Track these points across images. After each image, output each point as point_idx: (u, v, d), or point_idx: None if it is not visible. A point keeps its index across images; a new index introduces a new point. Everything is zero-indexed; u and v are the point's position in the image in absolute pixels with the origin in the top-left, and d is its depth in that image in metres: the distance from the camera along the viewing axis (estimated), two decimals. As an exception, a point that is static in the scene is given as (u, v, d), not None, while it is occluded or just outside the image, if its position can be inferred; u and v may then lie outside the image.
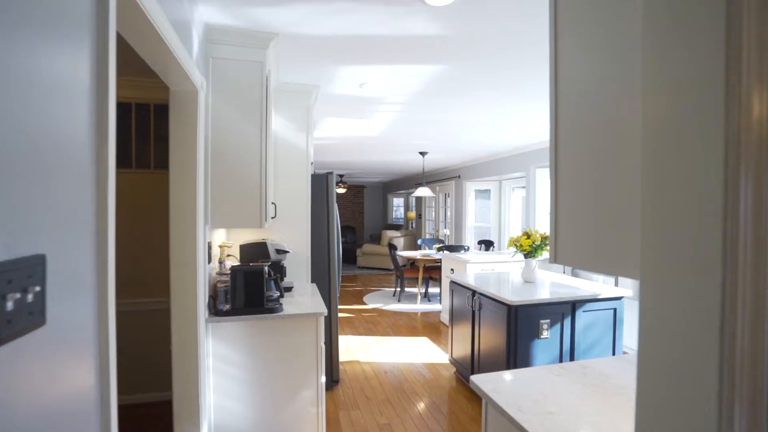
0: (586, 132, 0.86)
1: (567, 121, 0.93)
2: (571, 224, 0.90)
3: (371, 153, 6.60)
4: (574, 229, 0.89)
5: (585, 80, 0.88)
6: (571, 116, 0.91)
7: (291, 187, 2.89)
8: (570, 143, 0.91)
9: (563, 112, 0.94)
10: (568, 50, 0.93)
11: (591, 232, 0.83)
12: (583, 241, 0.86)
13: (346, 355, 3.95)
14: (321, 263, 3.10)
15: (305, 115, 2.93)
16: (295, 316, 2.09)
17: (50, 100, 0.66)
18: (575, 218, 0.89)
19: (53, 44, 0.67)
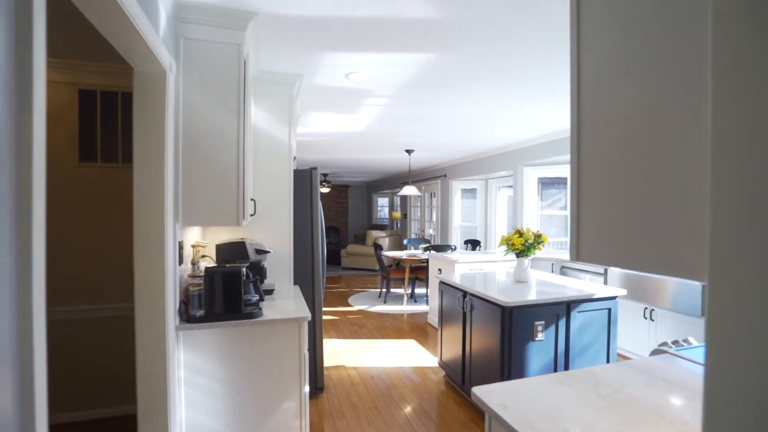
0: (626, 111, 0.73)
1: (595, 99, 0.80)
2: (601, 218, 0.78)
3: (356, 151, 6.44)
4: (605, 224, 0.76)
5: (616, 56, 0.75)
6: (601, 94, 0.79)
7: (272, 184, 2.72)
8: (600, 126, 0.79)
9: (589, 91, 0.82)
10: (591, 38, 0.81)
11: (630, 226, 0.71)
12: (618, 237, 0.74)
13: (331, 360, 3.78)
14: (304, 264, 2.93)
15: (287, 106, 2.76)
16: (277, 322, 1.92)
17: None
18: (608, 211, 0.76)
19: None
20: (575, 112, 0.84)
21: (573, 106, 0.85)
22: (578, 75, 0.84)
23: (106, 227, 2.51)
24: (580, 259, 0.82)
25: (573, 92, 0.85)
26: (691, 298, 3.32)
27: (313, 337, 2.92)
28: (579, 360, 2.61)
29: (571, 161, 0.85)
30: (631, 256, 0.70)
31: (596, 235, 0.78)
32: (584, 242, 0.81)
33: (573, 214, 0.84)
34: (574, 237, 0.84)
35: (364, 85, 3.00)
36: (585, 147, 0.82)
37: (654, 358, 1.47)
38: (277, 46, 2.32)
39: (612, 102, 0.75)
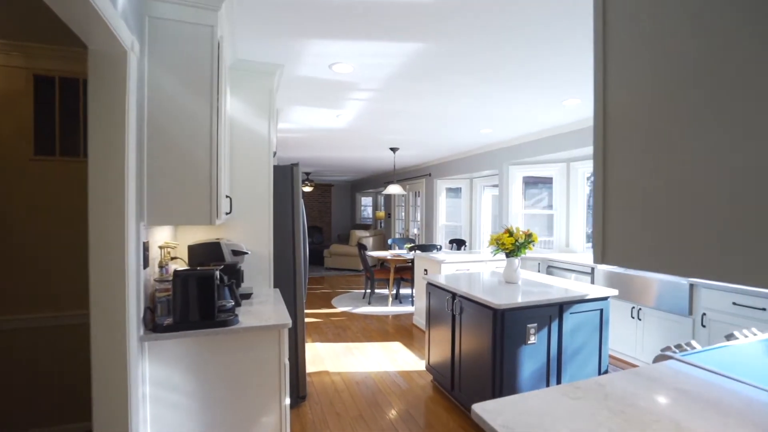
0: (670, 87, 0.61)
1: (625, 86, 0.68)
2: (636, 218, 0.66)
3: (340, 148, 6.28)
4: (642, 224, 0.65)
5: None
6: (630, 82, 0.67)
7: (250, 180, 2.54)
8: (632, 114, 0.67)
9: (617, 79, 0.70)
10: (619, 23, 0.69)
11: (678, 226, 0.59)
12: (661, 238, 0.62)
13: (314, 365, 3.62)
14: (285, 265, 2.76)
15: (267, 98, 2.59)
16: (254, 329, 1.76)
17: None
18: (646, 210, 0.64)
19: None
20: (600, 100, 0.73)
21: (597, 94, 0.73)
22: (604, 60, 0.72)
23: (65, 229, 2.29)
24: (606, 262, 0.71)
25: (597, 81, 0.73)
26: (677, 298, 3.30)
27: (294, 343, 2.76)
28: (571, 363, 2.54)
29: (595, 156, 0.73)
30: (676, 260, 0.59)
31: (630, 236, 0.67)
32: (613, 244, 0.70)
33: (597, 214, 0.72)
34: (599, 238, 0.72)
35: (348, 77, 2.86)
36: (613, 139, 0.70)
37: (660, 365, 1.38)
38: (255, 32, 2.15)
39: (648, 85, 0.64)
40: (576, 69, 2.67)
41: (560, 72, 2.73)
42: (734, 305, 2.95)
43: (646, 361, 3.53)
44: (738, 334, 1.75)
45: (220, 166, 1.82)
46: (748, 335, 1.76)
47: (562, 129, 4.49)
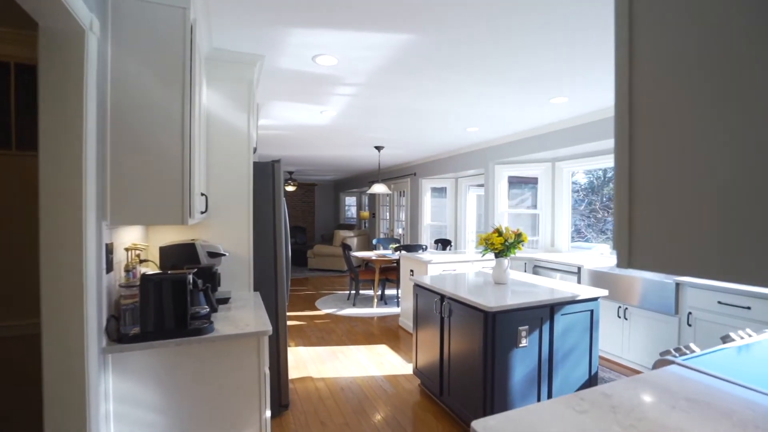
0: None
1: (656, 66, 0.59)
2: (668, 217, 0.57)
3: (324, 147, 6.13)
4: (676, 223, 0.56)
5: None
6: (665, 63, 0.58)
7: (228, 177, 2.40)
8: (667, 97, 0.58)
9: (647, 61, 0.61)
10: None
11: (725, 227, 0.50)
12: (699, 241, 0.53)
13: (297, 371, 3.48)
14: (266, 267, 2.62)
15: (246, 91, 2.45)
16: (231, 338, 1.62)
17: None
18: (684, 209, 0.55)
19: None
20: (624, 78, 0.63)
21: (620, 71, 0.64)
22: (629, 26, 0.63)
23: (26, 230, 2.10)
24: (633, 267, 0.62)
25: (620, 55, 0.64)
26: (664, 297, 3.30)
27: (276, 349, 2.63)
28: (562, 365, 2.48)
29: (618, 146, 0.64)
30: (728, 265, 0.50)
31: (663, 238, 0.57)
32: (641, 247, 0.60)
33: (621, 213, 0.63)
34: (624, 241, 0.63)
35: (332, 70, 2.73)
36: (644, 125, 0.61)
37: (663, 371, 1.31)
38: (233, 19, 2.01)
39: (693, 56, 0.55)
40: (566, 66, 2.62)
41: (550, 67, 2.67)
42: (720, 304, 2.95)
43: (634, 360, 3.52)
44: (734, 336, 1.71)
45: (193, 161, 1.68)
46: (744, 336, 1.73)
47: (549, 128, 4.47)
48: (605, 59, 2.52)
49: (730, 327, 2.89)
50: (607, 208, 6.23)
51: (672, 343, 3.24)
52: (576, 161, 4.92)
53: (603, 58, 2.49)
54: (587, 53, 2.42)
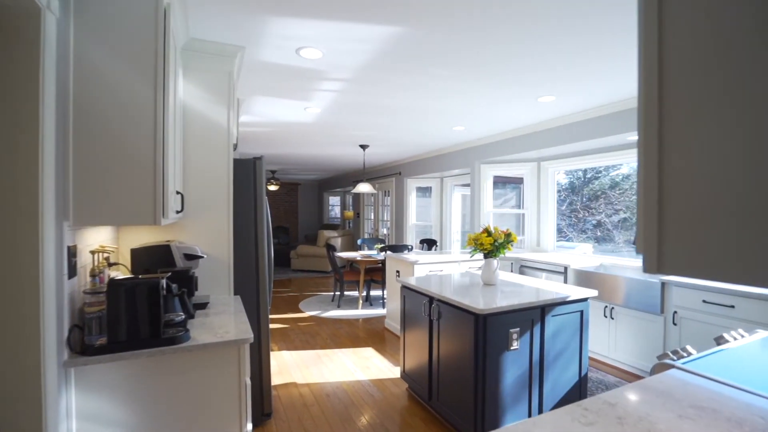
0: None
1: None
2: (705, 216, 0.50)
3: (308, 145, 6.00)
4: (715, 224, 0.49)
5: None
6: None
7: (206, 174, 2.27)
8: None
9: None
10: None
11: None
12: (741, 243, 0.46)
13: (280, 376, 3.36)
14: (247, 269, 2.50)
15: (226, 84, 2.32)
16: (209, 347, 1.51)
17: None
18: (719, 205, 0.48)
19: None
20: (651, 54, 0.56)
21: (646, 47, 0.57)
22: None
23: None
24: (663, 272, 0.54)
25: (647, 26, 0.57)
26: (649, 297, 3.31)
27: (258, 355, 2.50)
28: (553, 368, 2.44)
29: (645, 135, 0.57)
30: None
31: (700, 240, 0.50)
32: (673, 250, 0.53)
33: (649, 213, 0.56)
34: (652, 243, 0.56)
35: (317, 64, 2.63)
36: (678, 112, 0.54)
37: (664, 376, 1.26)
38: (211, 6, 1.89)
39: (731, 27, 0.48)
40: (556, 62, 2.59)
41: (539, 64, 2.63)
42: (704, 303, 2.98)
43: (620, 360, 3.53)
44: (727, 337, 1.69)
45: (167, 157, 1.55)
46: (737, 337, 1.71)
47: (536, 127, 4.46)
48: (594, 58, 2.49)
49: (714, 326, 2.91)
50: (587, 208, 6.29)
51: (658, 343, 3.26)
52: (561, 161, 4.93)
53: (593, 56, 2.47)
54: (577, 51, 2.38)
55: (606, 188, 6.27)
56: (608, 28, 2.09)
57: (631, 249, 5.30)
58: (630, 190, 5.92)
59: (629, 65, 2.63)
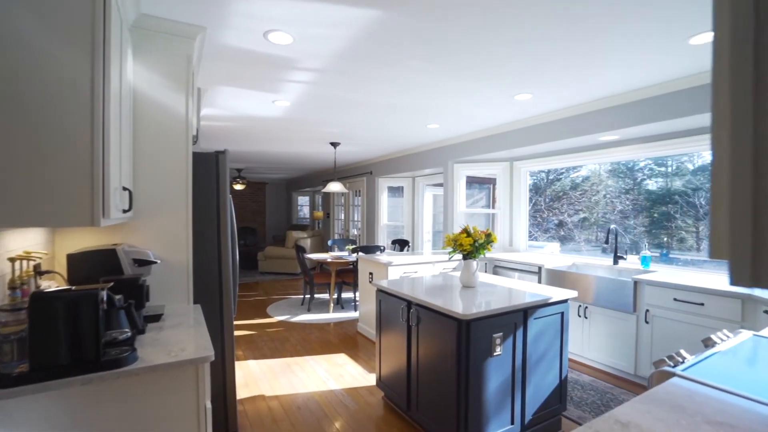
0: None
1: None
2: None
3: (276, 142, 5.73)
4: None
5: None
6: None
7: (162, 169, 2.02)
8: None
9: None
10: None
11: None
12: None
13: (247, 389, 3.12)
14: (208, 274, 2.27)
15: (184, 68, 2.08)
16: (161, 368, 1.29)
17: None
18: None
19: None
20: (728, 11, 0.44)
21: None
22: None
23: None
24: (760, 285, 0.42)
25: None
26: (623, 295, 3.33)
27: (222, 370, 2.28)
28: (535, 372, 2.36)
29: (732, 112, 0.44)
30: None
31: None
32: None
33: (739, 209, 0.43)
34: (745, 250, 0.43)
35: (287, 51, 2.43)
36: None
37: (669, 387, 1.18)
38: (164, -24, 1.66)
39: None
40: (534, 57, 2.52)
41: (518, 53, 2.56)
42: (675, 301, 3.01)
43: (594, 359, 3.54)
44: (715, 338, 1.66)
45: (109, 147, 1.32)
46: (723, 338, 1.68)
47: (511, 126, 4.43)
48: (571, 55, 2.44)
49: (685, 323, 2.95)
50: (550, 209, 6.40)
51: (630, 341, 3.28)
52: (533, 161, 4.95)
53: (569, 53, 2.41)
54: (555, 47, 2.32)
55: (567, 189, 6.41)
56: (590, 26, 2.03)
57: (592, 248, 5.42)
58: (590, 191, 6.06)
59: (609, 63, 2.60)
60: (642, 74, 2.83)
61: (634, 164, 5.19)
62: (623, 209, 5.33)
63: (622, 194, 5.41)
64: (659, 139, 3.64)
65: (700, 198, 4.57)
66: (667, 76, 2.86)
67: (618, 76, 2.86)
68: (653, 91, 3.10)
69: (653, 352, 3.14)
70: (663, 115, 3.09)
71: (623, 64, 2.64)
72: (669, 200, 4.76)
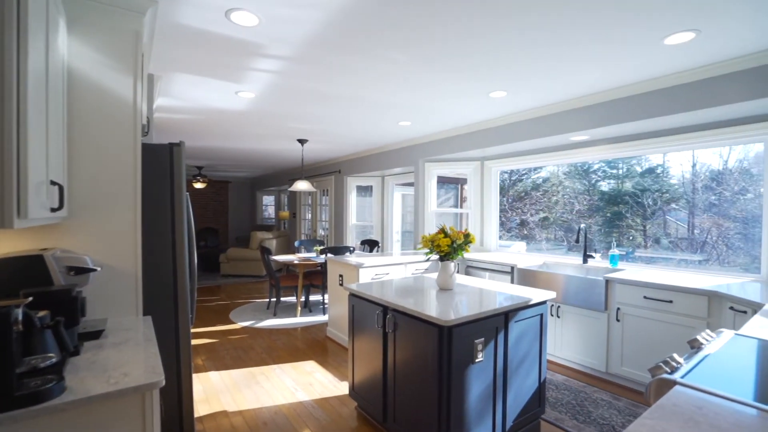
0: None
1: None
2: None
3: (239, 138, 5.41)
4: None
5: None
6: None
7: (104, 161, 1.75)
8: None
9: None
10: None
11: None
12: None
13: (207, 404, 2.85)
14: (161, 281, 2.01)
15: (132, 47, 1.82)
16: (97, 400, 1.06)
17: None
18: None
19: None
20: None
21: None
22: None
23: None
24: None
25: None
26: (594, 294, 3.34)
27: (177, 387, 2.03)
28: (516, 376, 2.28)
29: None
30: None
31: None
32: None
33: None
34: None
35: (252, 34, 2.21)
36: None
37: (675, 397, 1.10)
38: (105, -66, 1.42)
39: None
40: (510, 52, 2.44)
41: (495, 53, 2.47)
42: (645, 299, 3.05)
43: (566, 357, 3.54)
44: (701, 339, 1.62)
45: (27, 134, 1.08)
46: (708, 339, 1.65)
47: (484, 125, 4.39)
48: (547, 52, 2.39)
49: (655, 321, 2.99)
50: (513, 208, 6.48)
51: (602, 339, 3.30)
52: (504, 160, 4.94)
53: (546, 50, 2.36)
54: (535, 43, 2.25)
55: (529, 189, 6.53)
56: (566, 22, 1.97)
57: (553, 247, 5.53)
58: (550, 191, 6.20)
59: (585, 61, 2.57)
60: (617, 74, 2.83)
61: (588, 166, 5.36)
62: (580, 209, 5.50)
63: (579, 195, 5.59)
64: (627, 140, 3.71)
65: (647, 198, 4.81)
66: (642, 76, 2.88)
67: (593, 74, 2.85)
68: (628, 91, 3.12)
69: (624, 350, 3.17)
70: (638, 115, 3.12)
71: (599, 63, 2.62)
72: (620, 201, 4.98)
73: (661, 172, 4.86)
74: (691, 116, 2.95)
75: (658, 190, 4.81)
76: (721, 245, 4.22)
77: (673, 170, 4.78)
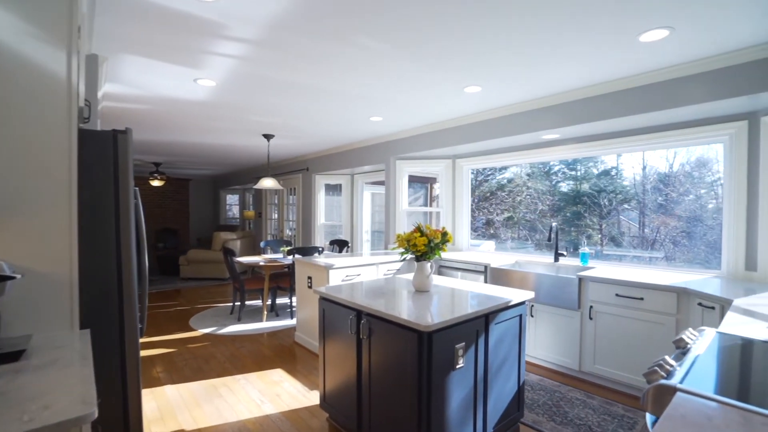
0: None
1: None
2: None
3: (200, 132, 5.06)
4: None
5: None
6: None
7: (28, 149, 1.49)
8: None
9: None
10: None
11: None
12: None
13: (162, 424, 2.58)
14: (103, 289, 1.76)
15: (65, 14, 1.56)
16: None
17: None
18: None
19: None
20: None
21: None
22: None
23: None
24: None
25: None
26: (568, 292, 3.33)
27: (124, 413, 1.78)
28: (496, 381, 2.19)
29: None
30: None
31: None
32: None
33: None
34: None
35: (212, 11, 1.99)
36: None
37: (681, 406, 1.01)
38: None
39: None
40: (486, 44, 2.35)
41: (470, 44, 2.38)
42: (617, 297, 3.06)
43: (540, 357, 3.52)
44: (686, 339, 1.58)
45: None
46: (692, 338, 1.61)
47: (457, 122, 4.32)
48: (522, 47, 2.32)
49: (627, 318, 3.00)
50: (479, 208, 6.53)
51: (575, 337, 3.29)
52: (475, 158, 4.90)
53: (521, 44, 2.29)
54: (509, 37, 2.17)
55: (494, 189, 6.60)
56: (542, 18, 1.90)
57: (517, 246, 5.60)
58: (514, 191, 6.29)
59: (560, 58, 2.53)
60: (593, 71, 2.81)
61: (549, 168, 5.46)
62: (543, 209, 5.61)
63: (542, 195, 5.70)
64: (596, 139, 3.74)
65: (603, 199, 4.99)
66: (617, 74, 2.88)
67: (569, 71, 2.82)
68: (604, 89, 3.12)
69: (597, 347, 3.17)
70: (614, 113, 3.12)
71: (574, 60, 2.59)
72: (579, 201, 5.13)
73: (615, 174, 5.02)
74: (661, 115, 2.99)
75: (612, 191, 4.98)
76: (668, 243, 4.40)
77: (626, 172, 4.95)
